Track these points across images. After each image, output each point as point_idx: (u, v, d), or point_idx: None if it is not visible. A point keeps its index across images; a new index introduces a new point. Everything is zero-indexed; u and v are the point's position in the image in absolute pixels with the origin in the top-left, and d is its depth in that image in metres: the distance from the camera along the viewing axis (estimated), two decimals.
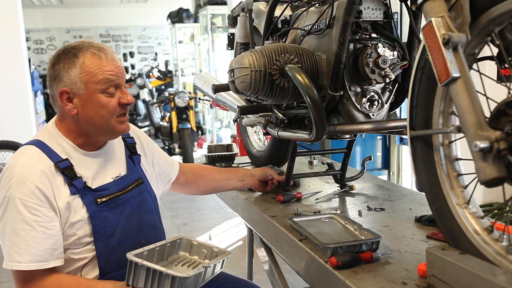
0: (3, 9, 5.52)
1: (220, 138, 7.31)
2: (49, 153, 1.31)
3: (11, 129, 5.44)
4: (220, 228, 4.07)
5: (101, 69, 1.30)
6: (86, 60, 1.30)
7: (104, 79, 1.31)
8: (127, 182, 1.44)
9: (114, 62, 1.34)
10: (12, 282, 1.31)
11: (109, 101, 1.33)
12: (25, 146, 1.34)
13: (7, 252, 1.23)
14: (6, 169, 1.29)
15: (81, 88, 1.31)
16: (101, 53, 1.32)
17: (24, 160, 1.28)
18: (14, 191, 1.23)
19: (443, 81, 0.91)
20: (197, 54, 8.64)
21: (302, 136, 1.55)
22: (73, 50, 1.32)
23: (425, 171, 1.12)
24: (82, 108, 1.33)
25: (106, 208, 1.36)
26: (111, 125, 1.35)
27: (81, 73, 1.30)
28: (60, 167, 1.30)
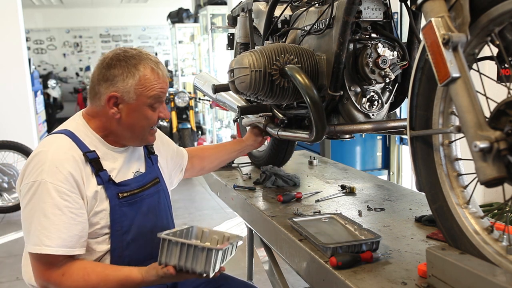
0: (3, 9, 5.52)
1: (220, 138, 7.31)
2: (78, 143, 1.34)
3: (11, 129, 5.44)
4: (220, 228, 4.07)
5: (156, 86, 1.35)
6: (146, 74, 1.34)
7: (155, 95, 1.36)
8: (146, 180, 1.47)
9: (165, 78, 1.39)
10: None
11: (152, 115, 1.39)
12: (55, 134, 1.37)
13: (36, 236, 1.23)
14: (36, 154, 1.29)
15: (133, 98, 1.34)
16: (159, 70, 1.37)
17: (56, 147, 1.30)
18: (46, 175, 1.24)
19: (443, 81, 0.91)
20: (197, 54, 8.64)
21: (302, 136, 1.55)
22: (133, 59, 1.34)
23: (425, 171, 1.12)
24: (127, 116, 1.36)
25: (126, 203, 1.38)
26: (145, 135, 1.42)
27: (137, 85, 1.33)
28: (89, 157, 1.33)
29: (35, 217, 1.24)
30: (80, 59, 12.17)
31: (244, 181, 2.05)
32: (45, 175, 1.24)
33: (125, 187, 1.39)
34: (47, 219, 1.23)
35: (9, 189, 4.46)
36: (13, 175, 4.44)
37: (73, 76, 12.03)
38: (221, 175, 2.16)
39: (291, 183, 1.94)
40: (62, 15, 11.78)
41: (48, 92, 10.05)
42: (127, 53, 1.36)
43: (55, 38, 11.98)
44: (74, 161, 1.29)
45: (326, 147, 3.72)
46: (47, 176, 1.24)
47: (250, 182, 2.02)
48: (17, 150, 4.44)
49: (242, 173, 2.17)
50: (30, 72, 5.89)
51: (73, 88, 11.01)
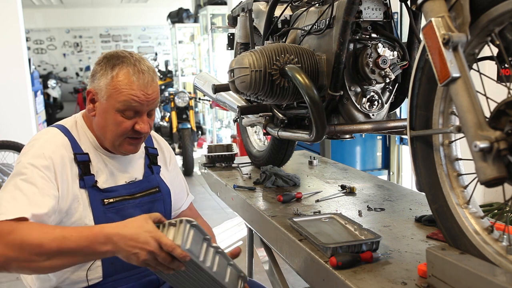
0: (3, 9, 5.52)
1: (220, 138, 7.32)
2: (72, 141, 1.33)
3: (11, 129, 5.44)
4: (220, 228, 4.07)
5: (127, 91, 1.28)
6: (119, 76, 1.29)
7: (125, 101, 1.29)
8: (140, 188, 1.43)
9: (145, 89, 1.30)
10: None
11: (122, 122, 1.31)
12: (51, 127, 1.36)
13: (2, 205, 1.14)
14: (28, 143, 1.31)
15: (104, 98, 1.31)
16: (137, 76, 1.29)
17: (47, 138, 1.31)
18: (30, 157, 1.24)
19: (443, 81, 0.91)
20: (197, 54, 8.64)
21: (302, 136, 1.55)
22: (115, 59, 1.31)
23: (425, 171, 1.12)
24: (99, 115, 1.34)
25: (113, 210, 1.34)
26: (118, 142, 1.35)
27: (108, 85, 1.29)
28: (78, 159, 1.32)
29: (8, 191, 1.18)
30: (80, 59, 12.17)
31: (244, 181, 2.05)
32: (29, 157, 1.24)
33: (111, 193, 1.36)
34: (18, 190, 1.17)
35: None
36: None
37: (73, 76, 12.03)
38: (221, 175, 2.16)
39: (291, 183, 1.94)
40: (62, 15, 11.78)
41: (48, 92, 10.05)
42: (119, 53, 1.33)
43: (55, 38, 11.98)
44: (61, 156, 1.28)
45: (326, 147, 3.72)
46: (31, 158, 1.23)
47: (250, 182, 2.02)
48: (17, 150, 4.43)
49: (242, 173, 2.17)
50: (30, 72, 5.89)
51: (73, 88, 11.02)
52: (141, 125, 1.33)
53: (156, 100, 1.35)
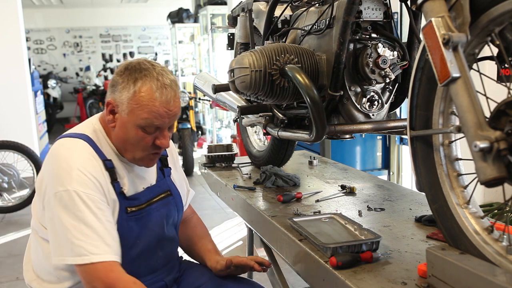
0: (3, 9, 5.53)
1: (220, 138, 7.31)
2: (96, 150, 1.30)
3: (11, 129, 5.44)
4: (220, 228, 4.07)
5: (150, 108, 1.24)
6: (142, 91, 1.24)
7: (147, 119, 1.25)
8: (154, 193, 1.42)
9: (168, 105, 1.26)
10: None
11: (144, 138, 1.28)
12: (74, 139, 1.30)
13: (79, 246, 1.17)
14: (59, 160, 1.24)
15: (125, 112, 1.27)
16: (160, 92, 1.25)
17: (79, 153, 1.26)
18: (76, 184, 1.20)
19: (443, 81, 0.91)
20: (197, 54, 8.64)
21: (302, 136, 1.55)
22: (138, 72, 1.26)
23: (425, 171, 1.12)
24: (119, 128, 1.30)
25: (133, 218, 1.33)
26: (138, 156, 1.32)
27: (130, 100, 1.25)
28: (107, 166, 1.29)
29: (73, 227, 1.18)
30: (80, 59, 12.18)
31: (244, 181, 2.05)
32: (75, 184, 1.19)
33: (134, 201, 1.34)
34: (88, 228, 1.18)
35: (9, 189, 4.46)
36: (13, 175, 4.44)
37: (73, 76, 12.03)
38: (221, 175, 2.16)
39: (291, 183, 1.94)
40: (62, 15, 11.78)
41: (48, 92, 10.05)
42: (141, 65, 1.28)
43: (55, 38, 11.98)
44: (99, 168, 1.26)
45: (326, 147, 3.71)
46: (78, 185, 1.20)
47: (250, 182, 2.02)
48: (17, 150, 4.44)
49: (242, 173, 2.17)
50: (30, 72, 5.90)
51: (73, 88, 11.02)
52: (162, 140, 1.30)
53: (177, 114, 1.31)
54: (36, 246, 1.36)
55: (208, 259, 1.52)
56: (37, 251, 1.36)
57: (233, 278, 1.51)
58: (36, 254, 1.38)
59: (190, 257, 1.63)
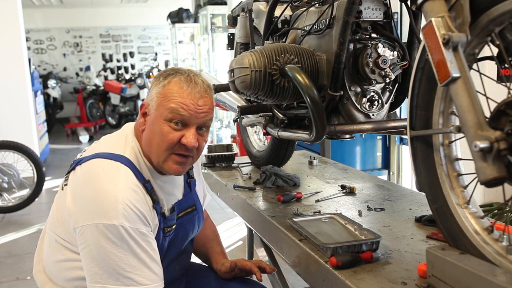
0: (3, 9, 5.53)
1: (220, 138, 7.31)
2: (136, 173, 1.23)
3: (11, 129, 5.44)
4: (220, 228, 4.07)
5: (176, 98, 1.21)
6: (170, 84, 1.23)
7: (173, 109, 1.20)
8: (180, 209, 1.38)
9: (195, 99, 1.22)
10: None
11: (169, 133, 1.22)
12: (115, 163, 1.22)
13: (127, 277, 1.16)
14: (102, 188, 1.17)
15: (153, 108, 1.24)
16: (187, 84, 1.23)
17: (124, 184, 1.18)
18: (123, 219, 1.14)
19: (443, 81, 0.91)
20: (197, 54, 8.64)
21: (302, 136, 1.55)
22: (171, 71, 1.27)
23: (425, 171, 1.12)
24: (147, 129, 1.26)
25: (167, 237, 1.32)
26: (163, 157, 1.24)
27: (159, 93, 1.24)
28: (148, 188, 1.24)
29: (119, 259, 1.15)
30: (80, 59, 12.17)
31: (244, 181, 2.05)
32: (122, 219, 1.14)
33: (170, 221, 1.31)
34: (137, 259, 1.16)
35: (9, 189, 4.46)
36: (13, 175, 4.44)
37: (73, 76, 12.03)
38: (221, 175, 2.16)
39: (291, 183, 1.94)
40: (62, 15, 11.78)
41: (48, 92, 10.04)
42: (175, 68, 1.29)
43: (55, 38, 11.98)
44: (143, 197, 1.21)
45: (326, 147, 3.71)
46: (125, 220, 1.14)
47: (250, 182, 2.02)
48: (17, 150, 4.44)
49: (242, 173, 2.17)
50: (30, 72, 5.90)
51: (73, 88, 11.00)
52: (188, 138, 1.22)
53: (208, 115, 1.25)
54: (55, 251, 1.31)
55: (214, 261, 1.52)
56: (55, 256, 1.31)
57: (237, 279, 1.50)
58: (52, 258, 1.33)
59: (197, 257, 1.63)
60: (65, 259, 1.28)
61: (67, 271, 1.28)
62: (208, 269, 1.56)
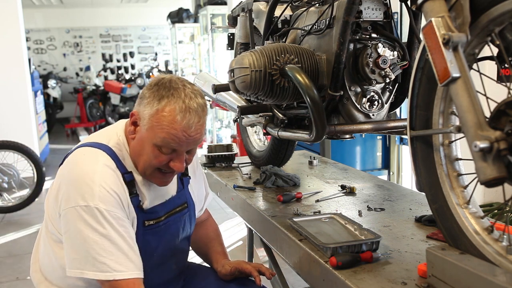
0: (3, 9, 5.53)
1: (220, 138, 7.31)
2: (117, 162, 1.27)
3: (11, 129, 5.44)
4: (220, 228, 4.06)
5: (169, 130, 1.20)
6: (165, 111, 1.20)
7: (164, 139, 1.21)
8: (173, 205, 1.40)
9: (188, 130, 1.21)
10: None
11: (158, 156, 1.24)
12: (95, 149, 1.27)
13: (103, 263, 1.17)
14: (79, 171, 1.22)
15: (145, 127, 1.24)
16: (182, 115, 1.20)
17: (101, 168, 1.23)
18: (99, 201, 1.17)
19: (443, 81, 0.91)
20: (197, 54, 8.64)
21: (302, 136, 1.55)
22: (167, 90, 1.22)
23: (425, 171, 1.12)
24: (137, 141, 1.28)
25: (150, 232, 1.32)
26: (148, 172, 1.28)
27: (152, 117, 1.22)
28: (126, 179, 1.27)
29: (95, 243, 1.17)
30: (80, 59, 12.17)
31: (244, 181, 2.05)
32: (97, 200, 1.17)
33: (152, 214, 1.32)
34: (112, 244, 1.17)
35: (9, 189, 4.46)
36: (13, 175, 4.44)
37: (73, 76, 12.03)
38: (221, 175, 2.16)
39: (291, 183, 1.94)
40: (62, 15, 11.77)
41: (48, 92, 10.04)
42: (172, 83, 1.24)
43: (55, 38, 11.97)
44: (119, 183, 1.24)
45: (326, 147, 3.71)
46: (100, 201, 1.17)
47: (250, 182, 2.02)
48: (17, 150, 4.44)
49: (242, 173, 2.17)
50: (30, 72, 5.90)
51: (73, 88, 11.01)
52: (176, 163, 1.26)
53: (198, 140, 1.26)
54: (48, 249, 1.34)
55: (215, 261, 1.52)
56: (49, 254, 1.34)
57: (237, 280, 1.50)
58: (47, 257, 1.35)
59: (199, 256, 1.63)
60: (58, 257, 1.29)
61: (60, 270, 1.29)
62: (208, 269, 1.56)
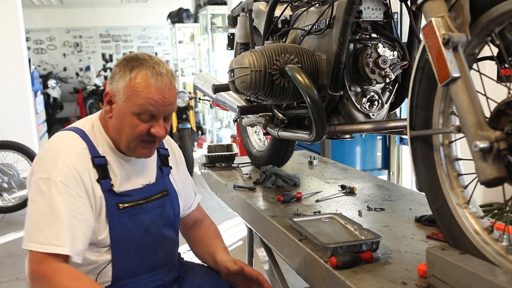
0: (3, 9, 5.52)
1: (220, 138, 7.31)
2: (89, 145, 1.32)
3: (11, 129, 5.44)
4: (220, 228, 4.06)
5: (145, 95, 1.27)
6: (137, 78, 1.27)
7: (142, 105, 1.27)
8: (152, 192, 1.42)
9: (163, 92, 1.28)
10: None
11: (138, 125, 1.30)
12: (68, 131, 1.34)
13: (44, 235, 1.19)
14: (48, 149, 1.29)
15: (121, 100, 1.30)
16: (155, 78, 1.27)
17: (68, 145, 1.29)
18: (58, 174, 1.23)
19: (443, 81, 0.91)
20: (197, 54, 8.64)
21: (302, 136, 1.55)
22: (134, 61, 1.30)
23: (425, 171, 1.12)
24: (115, 118, 1.33)
25: (127, 214, 1.34)
26: (132, 145, 1.33)
27: (126, 87, 1.28)
28: (95, 162, 1.31)
29: (43, 215, 1.21)
30: (80, 59, 12.17)
31: (244, 181, 2.05)
32: (57, 174, 1.23)
33: (127, 197, 1.35)
34: (57, 218, 1.20)
35: (9, 189, 4.46)
36: (13, 175, 4.44)
37: (73, 76, 12.03)
38: (221, 175, 2.16)
39: (291, 183, 1.94)
40: (62, 15, 11.77)
41: (48, 92, 10.05)
42: (138, 56, 1.32)
43: (55, 38, 11.98)
44: (85, 164, 1.28)
45: (326, 147, 3.71)
46: (59, 175, 1.23)
47: (250, 182, 2.02)
48: (17, 150, 4.44)
49: (242, 173, 2.17)
50: (30, 72, 5.89)
51: (73, 88, 11.02)
52: (156, 129, 1.31)
53: (173, 104, 1.33)
54: None
55: (220, 257, 1.50)
56: None
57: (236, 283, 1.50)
58: None
59: (200, 260, 1.61)
60: None
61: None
62: (204, 268, 1.56)
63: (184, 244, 1.69)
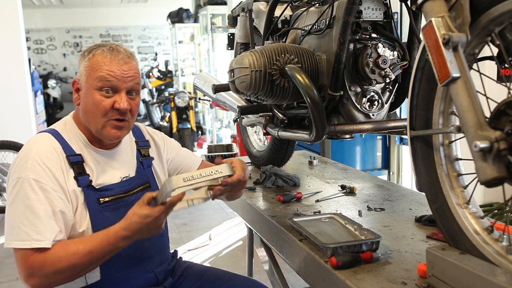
0: (3, 9, 5.52)
1: (220, 138, 7.31)
2: (63, 144, 1.33)
3: (11, 129, 5.43)
4: (220, 228, 4.06)
5: (102, 67, 1.31)
6: (95, 55, 1.33)
7: (101, 77, 1.30)
8: (133, 185, 1.43)
9: (120, 65, 1.32)
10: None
11: (101, 101, 1.31)
12: (41, 133, 1.37)
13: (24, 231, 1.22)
14: (20, 152, 1.31)
15: (83, 81, 1.34)
16: (110, 53, 1.33)
17: (39, 145, 1.31)
18: (29, 172, 1.24)
19: (443, 81, 0.91)
20: (197, 54, 8.64)
21: (302, 136, 1.55)
22: (94, 47, 1.37)
23: (425, 171, 1.12)
24: (82, 101, 1.35)
25: (108, 208, 1.35)
26: (100, 125, 1.33)
27: (86, 67, 1.33)
28: (71, 160, 1.32)
29: (21, 213, 1.23)
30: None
31: None
32: (28, 171, 1.25)
33: (107, 192, 1.36)
34: (34, 214, 1.22)
35: None
36: None
37: (73, 76, 12.02)
38: None
39: (291, 183, 1.94)
40: (62, 15, 11.77)
41: (48, 92, 10.05)
42: (98, 44, 1.39)
43: (55, 38, 11.97)
44: (57, 159, 1.29)
45: (326, 147, 3.71)
46: (30, 172, 1.24)
47: (250, 182, 2.02)
48: (17, 150, 4.43)
49: None
50: (30, 72, 5.89)
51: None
52: (120, 103, 1.31)
53: (135, 79, 1.35)
54: None
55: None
56: None
57: (236, 277, 1.50)
58: None
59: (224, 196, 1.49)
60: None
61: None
62: (202, 268, 1.56)
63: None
